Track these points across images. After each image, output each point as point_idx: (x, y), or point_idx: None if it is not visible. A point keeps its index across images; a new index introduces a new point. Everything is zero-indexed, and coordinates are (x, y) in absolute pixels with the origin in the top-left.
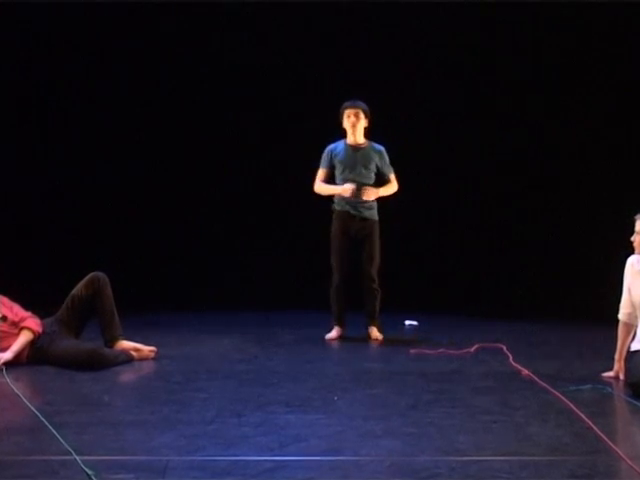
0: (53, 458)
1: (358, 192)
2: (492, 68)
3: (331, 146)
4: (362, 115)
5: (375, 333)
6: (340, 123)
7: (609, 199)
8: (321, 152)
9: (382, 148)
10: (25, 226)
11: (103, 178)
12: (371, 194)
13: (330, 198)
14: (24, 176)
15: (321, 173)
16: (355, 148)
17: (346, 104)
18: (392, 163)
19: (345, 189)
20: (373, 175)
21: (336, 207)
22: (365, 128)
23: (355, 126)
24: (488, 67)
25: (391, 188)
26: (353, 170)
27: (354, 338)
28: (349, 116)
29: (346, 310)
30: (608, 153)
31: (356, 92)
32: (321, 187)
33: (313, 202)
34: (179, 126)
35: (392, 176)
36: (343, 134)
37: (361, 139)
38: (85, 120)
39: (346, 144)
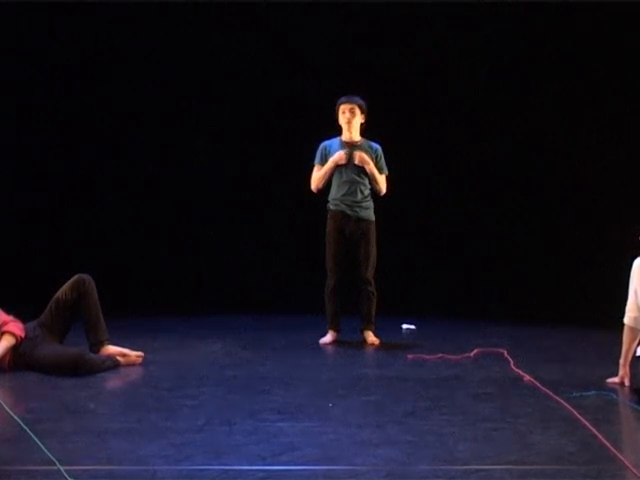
0: (36, 468)
1: (351, 156)
2: (491, 69)
3: (326, 142)
4: (358, 111)
5: (371, 337)
6: (336, 119)
7: (612, 200)
8: (308, 154)
9: (378, 147)
10: (8, 226)
11: (90, 179)
12: (364, 160)
13: (325, 198)
14: (10, 175)
15: (316, 170)
16: (350, 145)
17: (341, 99)
18: (391, 163)
19: (340, 156)
20: (368, 174)
21: (331, 207)
22: (362, 125)
23: (350, 122)
24: (487, 68)
25: (381, 181)
26: (348, 168)
27: (349, 342)
28: (344, 112)
29: (341, 313)
30: (611, 153)
31: (354, 90)
32: (316, 176)
33: (307, 202)
34: (174, 126)
35: (383, 176)
36: (339, 131)
37: (357, 136)
38: (81, 121)
39: (341, 141)
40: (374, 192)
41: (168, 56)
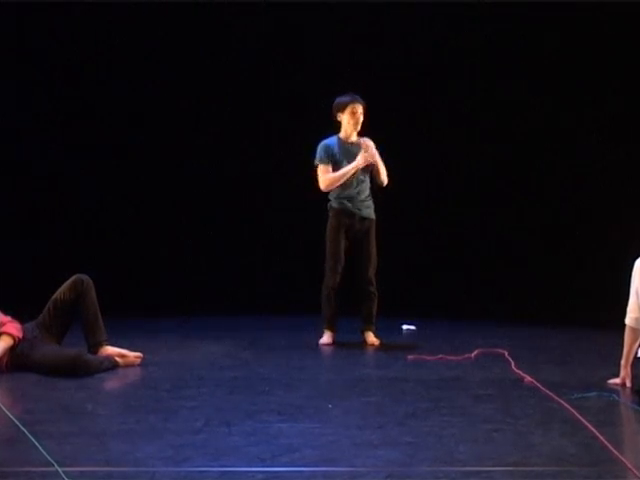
0: (34, 469)
1: (367, 154)
2: (491, 68)
3: (327, 141)
4: (363, 110)
5: (372, 338)
6: (334, 117)
7: (612, 200)
8: (309, 155)
9: (371, 141)
10: (8, 226)
11: (91, 179)
12: (375, 156)
13: (324, 196)
14: (10, 175)
15: (326, 169)
16: (352, 144)
17: (349, 99)
18: (391, 163)
19: (366, 160)
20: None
21: (335, 205)
22: None
23: (359, 122)
24: (487, 68)
25: (384, 173)
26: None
27: (349, 343)
28: (355, 112)
29: (338, 314)
30: (611, 153)
31: (354, 90)
32: (332, 177)
33: (307, 202)
34: (174, 127)
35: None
36: (336, 129)
37: (356, 135)
38: (81, 121)
39: (341, 140)
40: (378, 185)
41: (168, 56)
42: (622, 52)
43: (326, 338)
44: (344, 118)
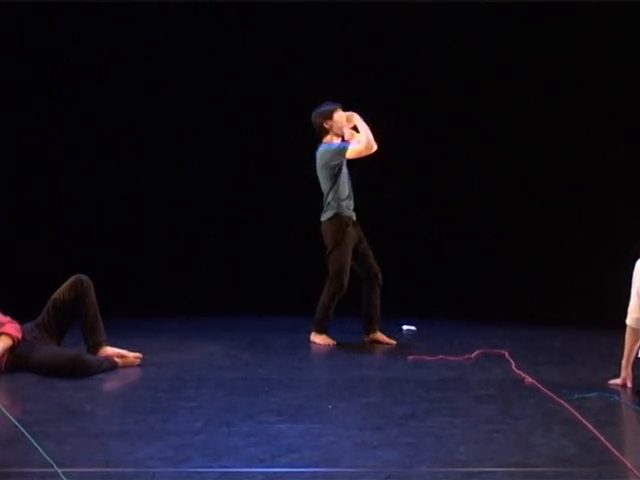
0: (33, 470)
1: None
2: (491, 68)
3: (325, 145)
4: None
5: (385, 337)
6: (317, 126)
7: (612, 200)
8: (309, 155)
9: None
10: (8, 226)
11: (91, 179)
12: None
13: (320, 200)
14: (10, 175)
15: (352, 145)
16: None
17: (333, 106)
18: (391, 163)
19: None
20: None
21: (339, 212)
22: None
23: (345, 124)
24: (486, 68)
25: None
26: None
27: (349, 344)
28: (342, 116)
29: None
30: (611, 153)
31: (354, 90)
32: (367, 136)
33: (307, 203)
34: (174, 127)
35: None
36: (321, 136)
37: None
38: (81, 121)
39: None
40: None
41: (168, 56)
42: (622, 52)
43: (326, 339)
44: (333, 124)
